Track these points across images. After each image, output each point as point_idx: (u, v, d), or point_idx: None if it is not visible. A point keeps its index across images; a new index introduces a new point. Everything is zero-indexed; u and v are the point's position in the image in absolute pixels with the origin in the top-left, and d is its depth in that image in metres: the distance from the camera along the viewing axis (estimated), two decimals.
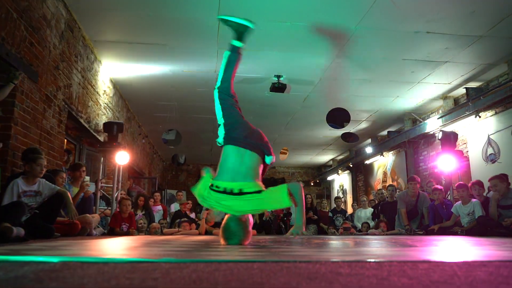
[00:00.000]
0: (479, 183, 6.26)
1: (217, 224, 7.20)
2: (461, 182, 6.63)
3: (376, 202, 9.08)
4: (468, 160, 7.94)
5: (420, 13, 5.39)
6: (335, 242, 3.74)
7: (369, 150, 11.85)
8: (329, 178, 16.59)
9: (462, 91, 8.16)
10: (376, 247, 2.79)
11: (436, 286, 0.98)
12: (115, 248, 2.63)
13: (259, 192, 2.89)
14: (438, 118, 8.54)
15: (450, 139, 7.55)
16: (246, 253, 2.05)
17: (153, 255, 1.83)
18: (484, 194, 6.28)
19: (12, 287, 0.89)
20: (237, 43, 3.36)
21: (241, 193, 2.85)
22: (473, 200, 6.20)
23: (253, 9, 5.27)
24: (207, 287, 0.93)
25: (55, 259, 1.41)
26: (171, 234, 6.65)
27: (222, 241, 2.96)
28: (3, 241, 3.17)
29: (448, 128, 8.21)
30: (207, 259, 1.63)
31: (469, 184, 6.42)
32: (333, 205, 10.48)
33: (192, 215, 7.98)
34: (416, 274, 1.18)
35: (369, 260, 1.59)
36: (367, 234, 7.46)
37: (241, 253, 2.02)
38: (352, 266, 1.37)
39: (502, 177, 5.86)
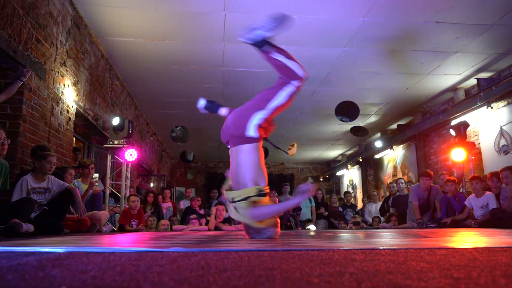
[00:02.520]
0: (497, 175, 6.13)
1: (226, 220, 7.18)
2: (475, 175, 6.51)
3: (387, 195, 8.99)
4: (480, 151, 7.81)
5: (429, 3, 5.29)
6: (346, 235, 3.69)
7: (378, 144, 11.73)
8: (338, 173, 16.48)
9: (473, 81, 8.02)
10: (389, 238, 2.74)
11: (457, 269, 0.93)
12: (124, 241, 2.61)
13: (245, 199, 2.63)
14: (449, 110, 8.41)
15: (461, 130, 7.44)
16: (256, 244, 2.00)
17: (161, 246, 1.79)
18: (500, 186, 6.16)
19: (13, 274, 0.86)
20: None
21: (233, 201, 2.67)
22: (487, 192, 6.09)
23: (259, 3, 5.22)
24: (215, 273, 0.89)
25: (60, 250, 1.38)
26: (181, 230, 6.63)
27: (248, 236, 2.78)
28: (13, 237, 3.17)
29: (459, 120, 8.08)
30: (216, 249, 1.59)
31: (488, 175, 6.30)
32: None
33: (202, 212, 7.96)
34: (434, 259, 1.12)
35: (383, 247, 1.54)
36: (378, 228, 7.38)
37: (250, 244, 1.98)
38: (366, 253, 1.32)
39: None
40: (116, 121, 6.62)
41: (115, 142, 6.70)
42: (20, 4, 4.07)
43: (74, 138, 6.16)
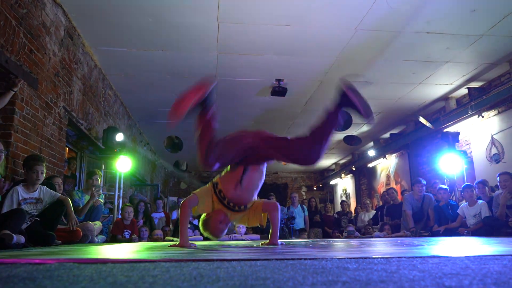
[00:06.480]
0: (485, 183, 6.19)
1: None
2: (467, 183, 6.56)
3: (380, 204, 9.02)
4: (472, 160, 7.87)
5: (420, 13, 5.36)
6: (340, 244, 3.68)
7: (371, 153, 11.78)
8: (332, 182, 16.50)
9: (464, 91, 8.11)
10: (382, 247, 2.74)
11: (449, 277, 0.93)
12: (116, 252, 2.58)
13: None
14: (440, 119, 8.49)
15: (453, 139, 7.51)
16: (249, 253, 2.00)
17: (153, 257, 1.78)
18: (488, 194, 6.22)
19: (4, 286, 0.85)
20: None
21: None
22: (479, 201, 6.13)
23: (252, 13, 5.26)
24: (207, 283, 0.89)
25: (51, 261, 1.37)
26: (173, 240, 6.58)
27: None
28: (3, 248, 3.12)
29: (451, 129, 8.15)
30: (209, 258, 1.58)
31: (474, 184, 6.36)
32: (338, 209, 10.42)
33: (195, 222, 7.91)
34: (427, 268, 1.13)
35: (376, 256, 1.55)
36: (372, 237, 7.38)
37: (243, 254, 1.97)
38: (359, 262, 1.32)
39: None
40: (120, 137, 6.56)
41: (108, 152, 6.67)
42: (13, 14, 4.06)
43: (67, 148, 6.12)
